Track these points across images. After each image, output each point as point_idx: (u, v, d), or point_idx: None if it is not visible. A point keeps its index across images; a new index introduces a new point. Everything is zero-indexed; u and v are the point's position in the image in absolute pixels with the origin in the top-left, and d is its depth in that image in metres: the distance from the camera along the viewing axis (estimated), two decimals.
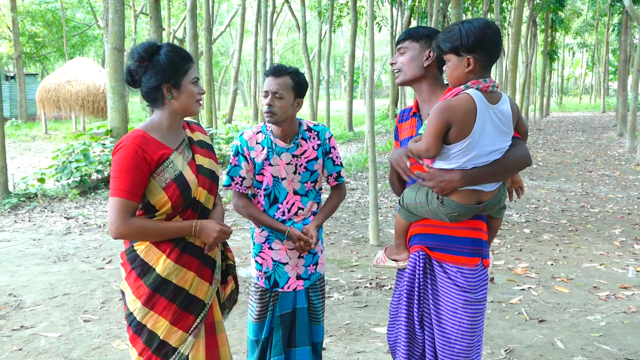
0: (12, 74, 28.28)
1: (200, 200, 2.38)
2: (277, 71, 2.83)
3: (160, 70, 2.27)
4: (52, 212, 8.63)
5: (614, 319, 4.48)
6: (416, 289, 2.41)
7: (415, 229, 2.47)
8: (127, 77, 2.34)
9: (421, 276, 2.40)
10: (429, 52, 2.49)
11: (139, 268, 2.30)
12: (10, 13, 24.78)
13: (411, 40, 2.53)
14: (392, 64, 2.60)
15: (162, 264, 2.28)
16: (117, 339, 4.16)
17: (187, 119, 2.52)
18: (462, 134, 2.15)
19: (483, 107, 2.15)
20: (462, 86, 2.19)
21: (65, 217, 8.25)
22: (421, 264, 2.40)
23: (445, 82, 2.57)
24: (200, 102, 2.41)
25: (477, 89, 2.17)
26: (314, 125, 3.02)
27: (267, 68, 2.88)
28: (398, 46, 2.57)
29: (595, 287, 5.20)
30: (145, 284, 2.29)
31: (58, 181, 10.08)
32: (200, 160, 2.41)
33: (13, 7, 24.38)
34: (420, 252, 2.42)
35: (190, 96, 2.34)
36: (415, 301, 2.42)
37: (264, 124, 2.95)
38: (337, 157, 3.06)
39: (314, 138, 2.98)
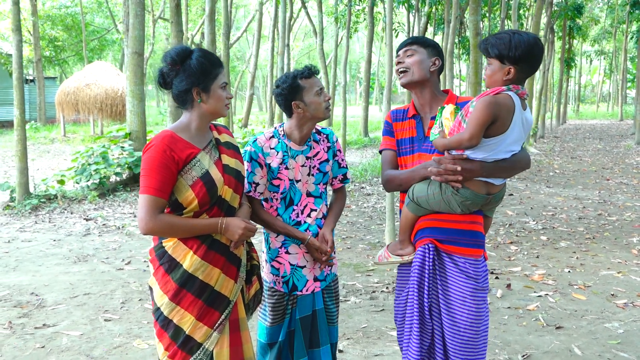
0: (31, 78, 28.66)
1: (226, 198, 2.45)
2: (316, 71, 2.96)
3: (191, 75, 2.36)
4: (71, 213, 8.75)
5: (632, 326, 4.46)
6: (426, 280, 2.53)
7: (423, 222, 2.59)
8: (159, 79, 2.43)
9: (430, 267, 2.53)
10: (435, 60, 2.66)
11: (167, 264, 2.38)
12: (30, 17, 25.16)
13: (419, 45, 2.67)
14: (399, 63, 2.69)
15: (189, 260, 2.36)
16: (137, 339, 4.23)
17: (214, 121, 2.59)
18: (500, 129, 2.31)
19: (518, 109, 2.32)
20: (504, 87, 2.32)
21: (84, 219, 8.37)
22: (431, 256, 2.53)
23: (442, 88, 2.74)
24: (228, 106, 2.48)
25: (516, 93, 2.33)
26: (322, 128, 3.11)
27: (301, 72, 2.92)
28: (404, 48, 2.68)
29: (613, 294, 5.18)
30: (173, 279, 2.36)
31: (77, 183, 10.21)
32: (227, 160, 2.49)
33: (33, 12, 24.77)
34: (430, 245, 2.54)
35: (218, 100, 2.42)
36: (426, 292, 2.53)
37: (275, 128, 3.00)
38: (342, 160, 3.15)
39: (323, 140, 3.06)
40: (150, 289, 2.46)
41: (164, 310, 2.38)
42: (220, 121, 14.14)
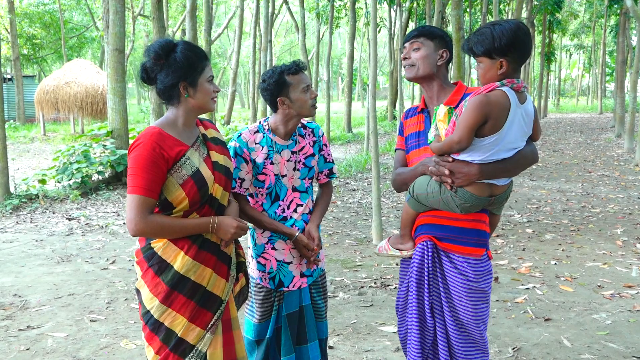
0: (9, 76, 28.23)
1: (217, 196, 2.38)
2: (304, 67, 2.88)
3: (178, 69, 2.27)
4: (53, 213, 8.62)
5: (619, 317, 4.49)
6: (426, 277, 2.48)
7: (423, 219, 2.54)
8: (142, 74, 2.33)
9: (430, 265, 2.48)
10: (443, 52, 2.56)
11: (157, 265, 2.30)
12: (8, 15, 24.77)
13: (426, 37, 2.56)
14: (405, 59, 2.60)
15: (180, 261, 2.29)
16: (124, 339, 4.16)
17: (199, 116, 2.52)
18: (494, 128, 2.21)
19: (515, 105, 2.22)
20: (498, 83, 2.23)
21: (67, 218, 8.24)
22: (430, 253, 2.48)
23: (452, 81, 2.64)
24: (215, 99, 2.41)
25: (511, 87, 2.22)
26: (307, 122, 3.06)
27: (288, 67, 2.84)
28: (411, 41, 2.57)
29: (599, 286, 5.21)
30: (164, 281, 2.28)
31: (59, 182, 10.07)
32: (216, 157, 2.42)
33: (11, 9, 24.37)
34: (429, 242, 2.50)
35: (206, 94, 2.35)
36: (426, 289, 2.48)
37: (260, 123, 2.95)
38: (328, 154, 3.10)
39: (309, 135, 3.01)
40: (138, 291, 2.37)
41: (154, 314, 2.30)
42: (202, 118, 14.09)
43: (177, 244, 2.30)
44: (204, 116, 3.30)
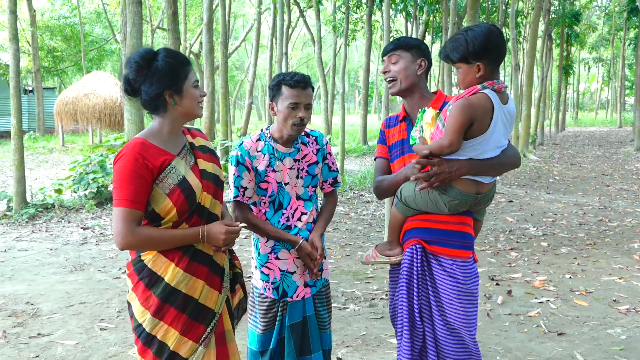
0: (30, 88, 28.67)
1: (206, 205, 2.32)
2: (305, 83, 2.78)
3: (161, 77, 2.23)
4: (68, 222, 8.69)
5: (635, 332, 4.40)
6: (415, 280, 2.51)
7: (411, 223, 2.57)
8: (125, 86, 2.28)
9: (419, 268, 2.51)
10: (421, 61, 2.60)
11: (147, 278, 2.25)
12: (29, 28, 25.20)
13: (402, 49, 2.60)
14: (385, 72, 2.63)
15: (171, 273, 2.24)
16: (133, 347, 4.16)
17: (187, 125, 2.48)
18: (480, 130, 2.28)
19: (497, 106, 2.28)
20: (479, 86, 2.29)
21: (81, 228, 8.31)
22: (419, 257, 2.51)
23: (432, 90, 2.66)
24: (202, 104, 2.37)
25: (492, 89, 2.28)
26: (311, 130, 3.03)
27: (289, 78, 2.77)
28: (388, 54, 2.62)
29: (614, 300, 5.12)
30: (155, 294, 2.24)
31: (75, 192, 10.15)
32: (203, 164, 2.37)
33: (32, 22, 24.79)
34: (417, 245, 2.53)
35: (193, 100, 2.31)
36: (415, 293, 2.50)
37: (262, 131, 2.93)
38: (333, 163, 3.07)
39: (312, 143, 2.99)
40: (129, 304, 2.33)
41: (147, 327, 2.25)
42: (219, 130, 13.96)
43: (167, 256, 2.25)
44: (219, 130, 3.29)
